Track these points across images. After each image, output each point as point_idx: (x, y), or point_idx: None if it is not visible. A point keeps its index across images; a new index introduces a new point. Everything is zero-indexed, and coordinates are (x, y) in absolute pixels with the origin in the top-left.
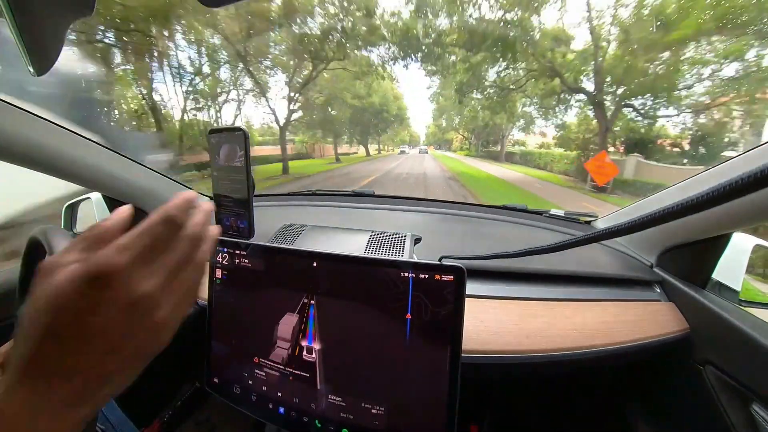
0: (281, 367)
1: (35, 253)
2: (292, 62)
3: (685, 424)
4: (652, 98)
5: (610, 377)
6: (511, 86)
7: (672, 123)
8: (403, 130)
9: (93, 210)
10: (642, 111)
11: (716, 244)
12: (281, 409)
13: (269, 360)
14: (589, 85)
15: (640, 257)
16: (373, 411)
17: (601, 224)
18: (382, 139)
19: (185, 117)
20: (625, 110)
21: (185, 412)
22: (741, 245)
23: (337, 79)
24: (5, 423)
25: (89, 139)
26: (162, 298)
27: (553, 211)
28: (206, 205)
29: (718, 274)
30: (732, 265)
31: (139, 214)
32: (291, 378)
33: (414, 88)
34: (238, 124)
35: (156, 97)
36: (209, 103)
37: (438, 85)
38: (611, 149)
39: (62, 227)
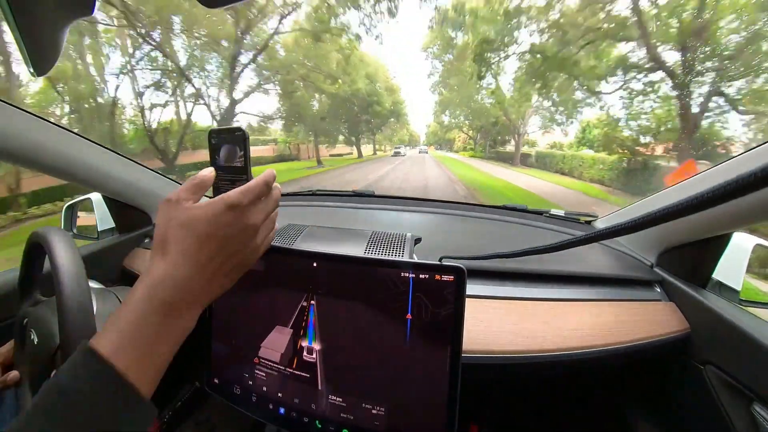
0: (281, 367)
1: (35, 253)
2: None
3: (686, 424)
4: None
5: (610, 377)
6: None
7: None
8: (402, 128)
9: (93, 210)
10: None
11: (716, 244)
12: (281, 410)
13: (269, 360)
14: (671, 58)
15: (640, 257)
16: (374, 411)
17: (601, 224)
18: (378, 138)
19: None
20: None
21: (185, 412)
22: (741, 245)
23: (298, 49)
24: (194, 289)
25: (89, 140)
26: (260, 230)
27: (553, 211)
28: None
29: (718, 274)
30: (732, 265)
31: (138, 214)
32: (291, 378)
33: (412, 82)
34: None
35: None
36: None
37: (441, 73)
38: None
39: (62, 227)
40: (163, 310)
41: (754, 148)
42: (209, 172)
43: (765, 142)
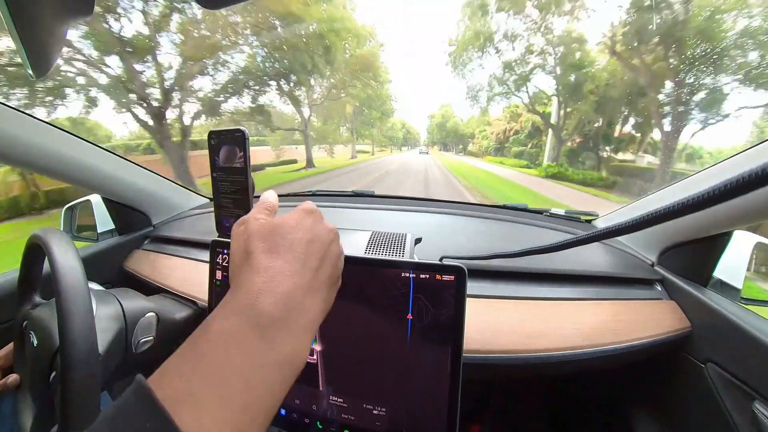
0: None
1: (34, 255)
2: None
3: (687, 423)
4: None
5: (611, 376)
6: None
7: None
8: (386, 119)
9: (93, 212)
10: None
11: (717, 243)
12: (282, 411)
13: None
14: None
15: (641, 256)
16: (375, 412)
17: (601, 223)
18: (364, 133)
19: None
20: None
21: None
22: (742, 243)
23: None
24: (293, 309)
25: (88, 141)
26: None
27: (554, 211)
28: None
29: (719, 272)
30: (733, 263)
31: (138, 216)
32: None
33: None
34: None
35: None
36: None
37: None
38: None
39: (62, 229)
40: (262, 325)
41: (755, 146)
42: (273, 195)
43: (764, 141)
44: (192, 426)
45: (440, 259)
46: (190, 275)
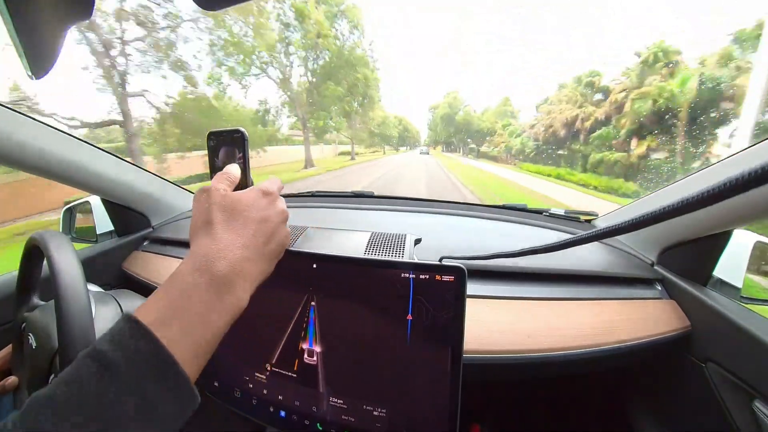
0: (282, 370)
1: (33, 257)
2: None
3: (687, 422)
4: None
5: (611, 376)
6: None
7: None
8: (371, 108)
9: (92, 213)
10: None
11: (717, 242)
12: (282, 413)
13: (270, 363)
14: None
15: (640, 255)
16: (375, 413)
17: (601, 223)
18: (324, 124)
19: None
20: None
21: None
22: (742, 242)
23: None
24: (244, 265)
25: (87, 143)
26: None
27: (553, 210)
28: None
29: (719, 272)
30: (733, 263)
31: (137, 217)
32: (292, 381)
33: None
34: None
35: None
36: None
37: None
38: None
39: (61, 230)
40: (215, 283)
41: (755, 144)
42: (236, 168)
43: (765, 139)
44: (165, 339)
45: (440, 260)
46: None
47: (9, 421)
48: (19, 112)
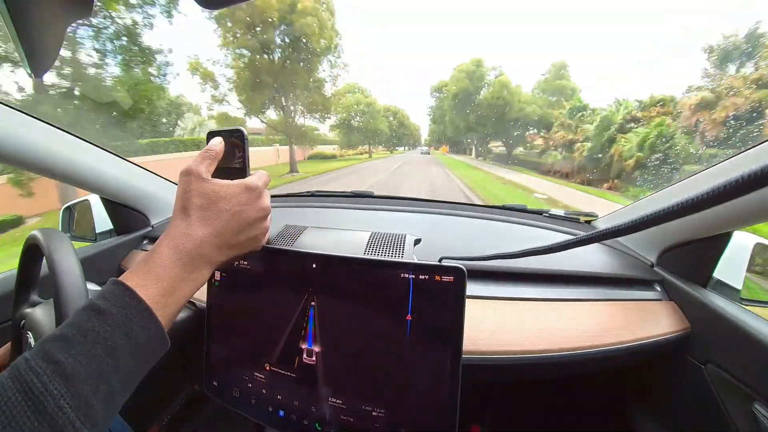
0: (281, 370)
1: (33, 255)
2: None
3: (687, 424)
4: None
5: (610, 377)
6: None
7: None
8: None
9: (91, 212)
10: None
11: (717, 243)
12: (281, 413)
13: (269, 363)
14: None
15: (640, 256)
16: (374, 413)
17: (601, 224)
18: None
19: None
20: None
21: (184, 415)
22: (742, 244)
23: None
24: (208, 250)
25: (85, 141)
26: (269, 218)
27: (553, 211)
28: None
29: (719, 273)
30: (733, 264)
31: (136, 216)
32: (291, 381)
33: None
34: None
35: None
36: None
37: None
38: None
39: (60, 229)
40: (185, 260)
41: (754, 146)
42: (219, 142)
43: (764, 141)
44: (144, 295)
45: (440, 260)
46: None
47: (6, 378)
48: (19, 110)
